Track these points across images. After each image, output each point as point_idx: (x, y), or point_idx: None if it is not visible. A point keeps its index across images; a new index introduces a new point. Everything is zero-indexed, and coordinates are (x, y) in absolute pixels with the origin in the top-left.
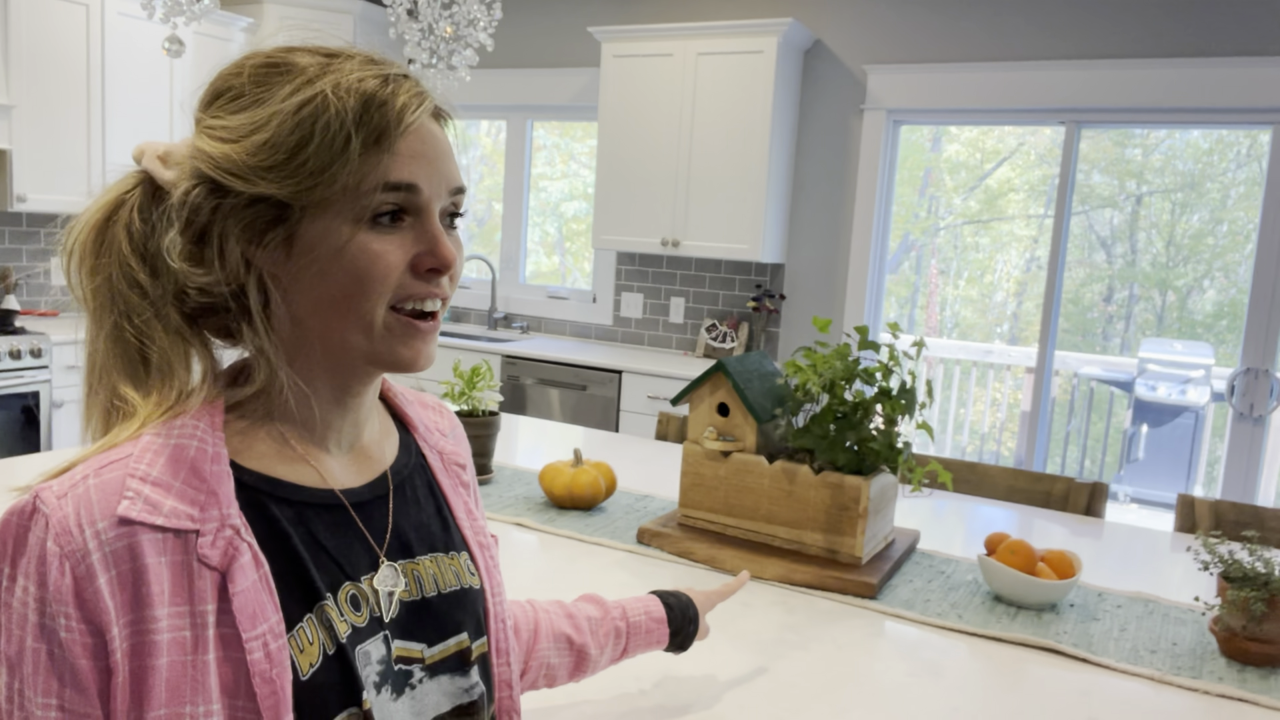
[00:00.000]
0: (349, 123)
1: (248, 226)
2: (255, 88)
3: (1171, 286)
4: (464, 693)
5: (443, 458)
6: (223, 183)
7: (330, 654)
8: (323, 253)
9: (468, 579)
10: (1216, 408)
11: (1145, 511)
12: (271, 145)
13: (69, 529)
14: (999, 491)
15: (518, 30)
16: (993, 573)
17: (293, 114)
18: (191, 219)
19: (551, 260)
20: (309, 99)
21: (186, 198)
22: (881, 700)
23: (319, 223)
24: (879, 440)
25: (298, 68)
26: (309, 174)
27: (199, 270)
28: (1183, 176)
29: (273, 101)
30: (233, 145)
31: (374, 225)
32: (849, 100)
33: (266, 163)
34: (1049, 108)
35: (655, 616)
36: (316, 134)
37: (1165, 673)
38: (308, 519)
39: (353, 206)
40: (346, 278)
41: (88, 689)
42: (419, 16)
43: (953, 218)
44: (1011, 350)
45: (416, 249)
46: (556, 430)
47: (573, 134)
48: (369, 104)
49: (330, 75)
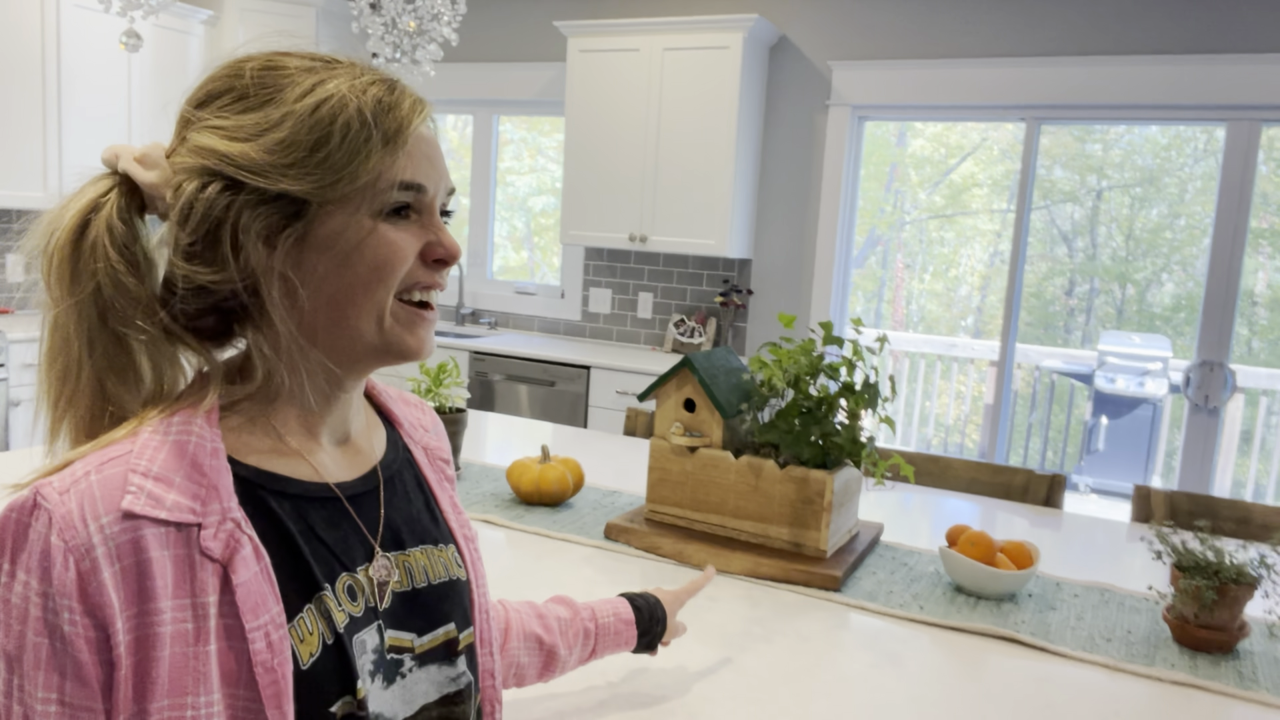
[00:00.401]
0: (370, 121)
1: (265, 222)
2: (261, 89)
3: (1131, 280)
4: (451, 682)
5: (427, 453)
6: (240, 180)
7: (329, 643)
8: (342, 246)
9: (455, 570)
10: (1174, 399)
11: (1105, 502)
12: (290, 143)
13: (73, 523)
14: (960, 484)
15: (483, 24)
16: (953, 564)
17: (310, 113)
18: (206, 216)
19: (520, 255)
20: (325, 99)
21: (198, 196)
22: (845, 690)
23: (337, 218)
24: (843, 434)
25: (301, 70)
26: (330, 170)
27: (207, 270)
28: (1142, 171)
29: (283, 102)
30: (249, 144)
31: (388, 219)
32: (814, 96)
33: (285, 160)
34: (1010, 104)
35: (624, 618)
36: (336, 132)
37: (1120, 660)
38: (305, 512)
39: (371, 202)
40: (366, 268)
41: (90, 683)
42: (382, 11)
43: (918, 212)
44: (975, 344)
45: (425, 241)
46: (524, 426)
47: (540, 128)
48: (381, 106)
49: (339, 78)
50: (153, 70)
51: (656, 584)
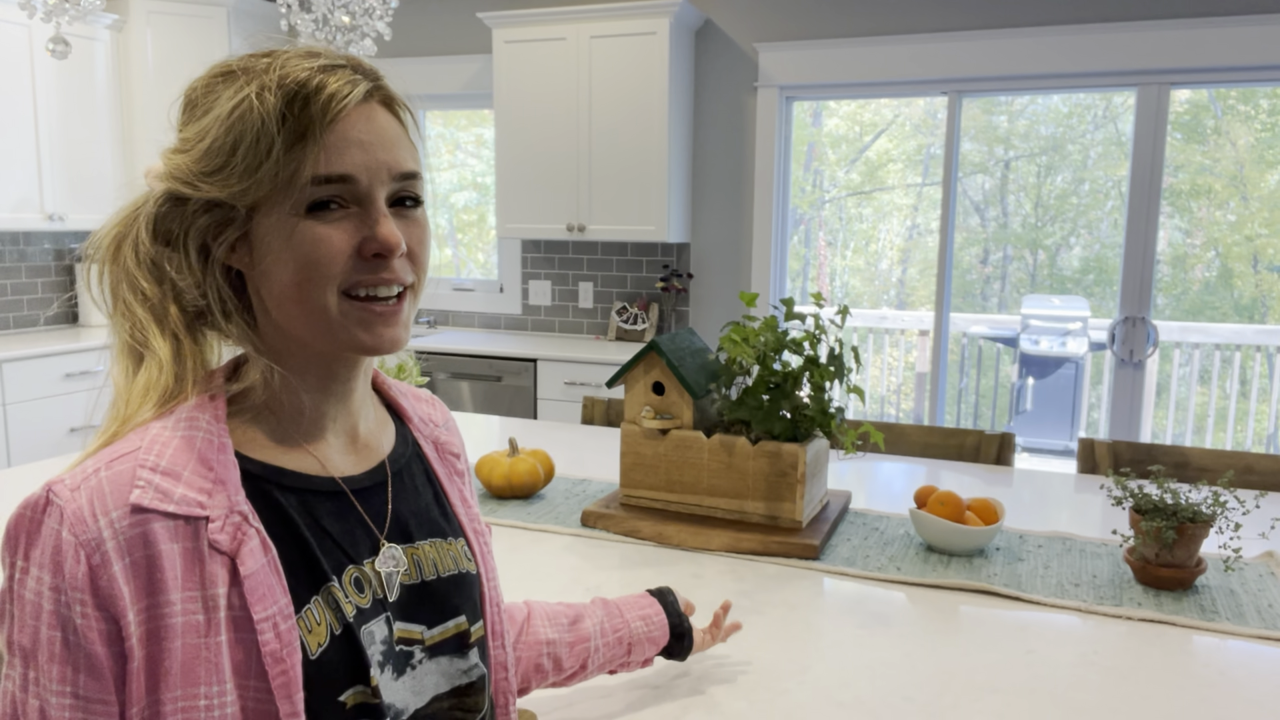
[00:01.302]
0: (272, 122)
1: (202, 231)
2: (205, 96)
3: (1041, 245)
4: (462, 674)
5: (437, 447)
6: (177, 192)
7: (337, 634)
8: (272, 246)
9: (465, 564)
10: (1093, 357)
11: (1037, 459)
12: (212, 151)
13: (84, 518)
14: (915, 449)
15: (407, 19)
16: (924, 524)
17: (226, 118)
18: (158, 228)
19: (444, 253)
20: (239, 102)
21: (153, 209)
22: (839, 654)
23: (265, 219)
24: (812, 407)
25: (239, 72)
26: (240, 175)
27: (180, 276)
28: (1046, 140)
29: (215, 108)
30: (184, 155)
31: (313, 215)
32: (742, 78)
33: (209, 168)
34: (933, 79)
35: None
36: (246, 135)
37: (1091, 603)
38: (311, 505)
39: (289, 200)
40: (296, 266)
41: (103, 675)
42: (311, 7)
43: (836, 191)
44: (904, 315)
45: (360, 235)
46: (482, 422)
47: (456, 123)
48: (292, 100)
49: (262, 75)
50: (58, 80)
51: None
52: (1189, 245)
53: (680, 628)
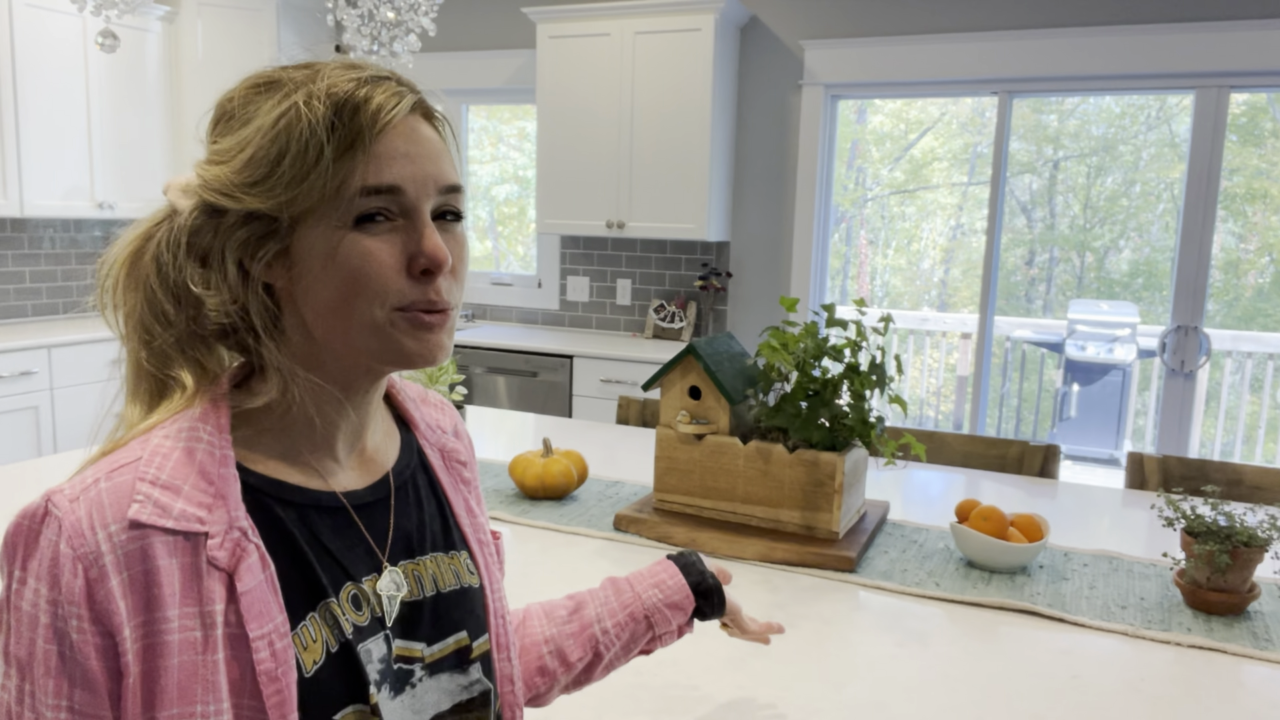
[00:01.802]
0: (321, 130)
1: (243, 244)
2: (244, 107)
3: (1089, 248)
4: (463, 690)
5: (443, 456)
6: (215, 204)
7: (333, 651)
8: (317, 260)
9: (467, 578)
10: (1141, 364)
11: (1080, 467)
12: (255, 161)
13: (81, 531)
14: (957, 458)
15: (451, 13)
16: (966, 539)
17: (270, 128)
18: (193, 241)
19: (484, 245)
20: (284, 111)
21: (187, 221)
22: (874, 672)
23: (310, 232)
24: (851, 416)
25: (280, 82)
26: (287, 185)
27: (210, 292)
28: (1097, 141)
29: (256, 119)
30: (223, 166)
31: (360, 227)
32: (787, 76)
33: (251, 179)
34: (983, 78)
35: (673, 602)
36: (292, 145)
37: (1138, 627)
38: (311, 520)
39: (337, 212)
40: (343, 280)
41: (98, 690)
42: (357, 3)
43: (880, 189)
44: (945, 317)
45: (408, 250)
46: (515, 419)
47: (500, 116)
48: (341, 109)
49: (306, 85)
50: (110, 71)
51: None
52: (1243, 250)
53: (702, 585)
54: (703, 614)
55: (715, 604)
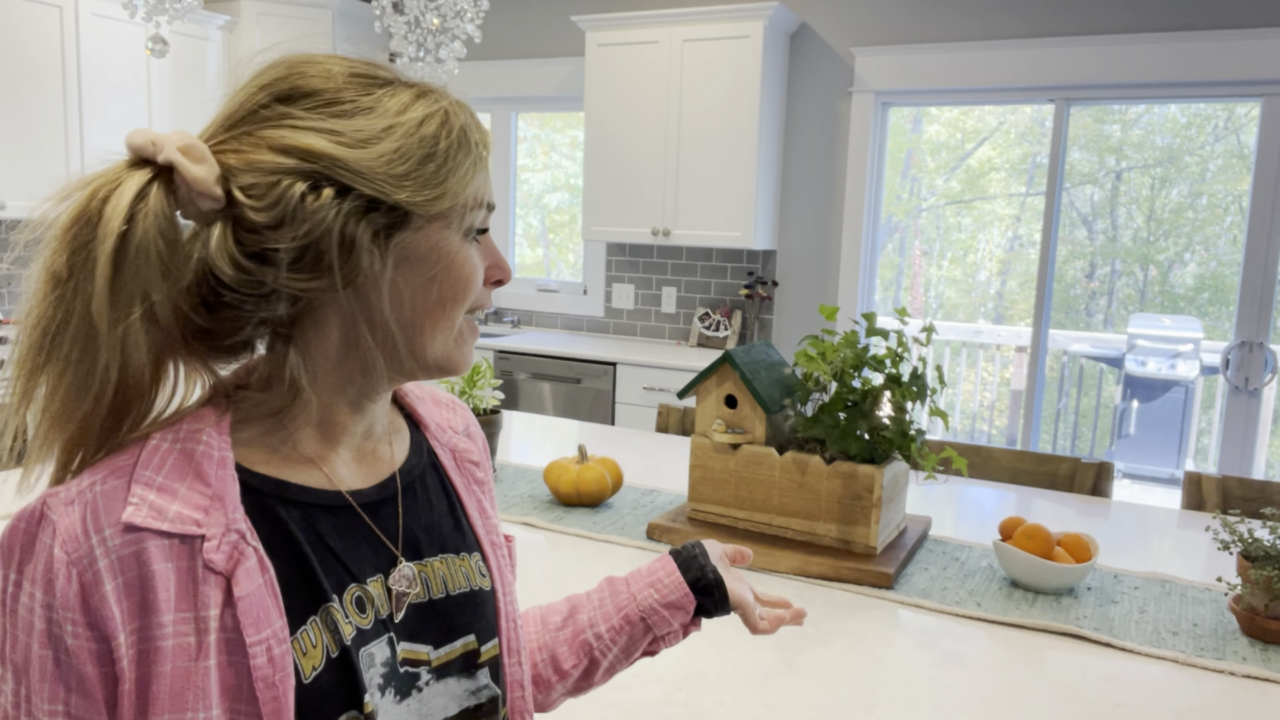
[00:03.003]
0: (470, 140)
1: (373, 233)
2: (360, 95)
3: (1153, 261)
4: (471, 695)
5: (455, 456)
6: (353, 186)
7: (334, 657)
8: (435, 262)
9: (478, 580)
10: (1205, 381)
11: (1139, 486)
12: (402, 154)
13: (75, 535)
14: (1004, 474)
15: (500, 21)
16: (1010, 558)
17: (417, 127)
18: (317, 221)
19: (535, 253)
20: (431, 113)
21: (307, 199)
22: (909, 693)
23: (433, 233)
24: (891, 428)
25: (393, 81)
26: (435, 184)
27: (307, 278)
28: (1161, 151)
29: (385, 113)
30: (360, 150)
31: (469, 237)
32: (836, 83)
33: (398, 170)
34: (1038, 85)
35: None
36: (442, 148)
37: (1189, 654)
38: (314, 520)
39: (462, 220)
40: (452, 286)
41: (94, 696)
42: (404, 10)
43: (935, 199)
44: (1000, 330)
45: (487, 262)
46: (556, 426)
47: (553, 124)
48: (470, 125)
49: (437, 92)
50: (172, 76)
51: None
52: None
53: (702, 581)
54: (706, 611)
55: (718, 600)
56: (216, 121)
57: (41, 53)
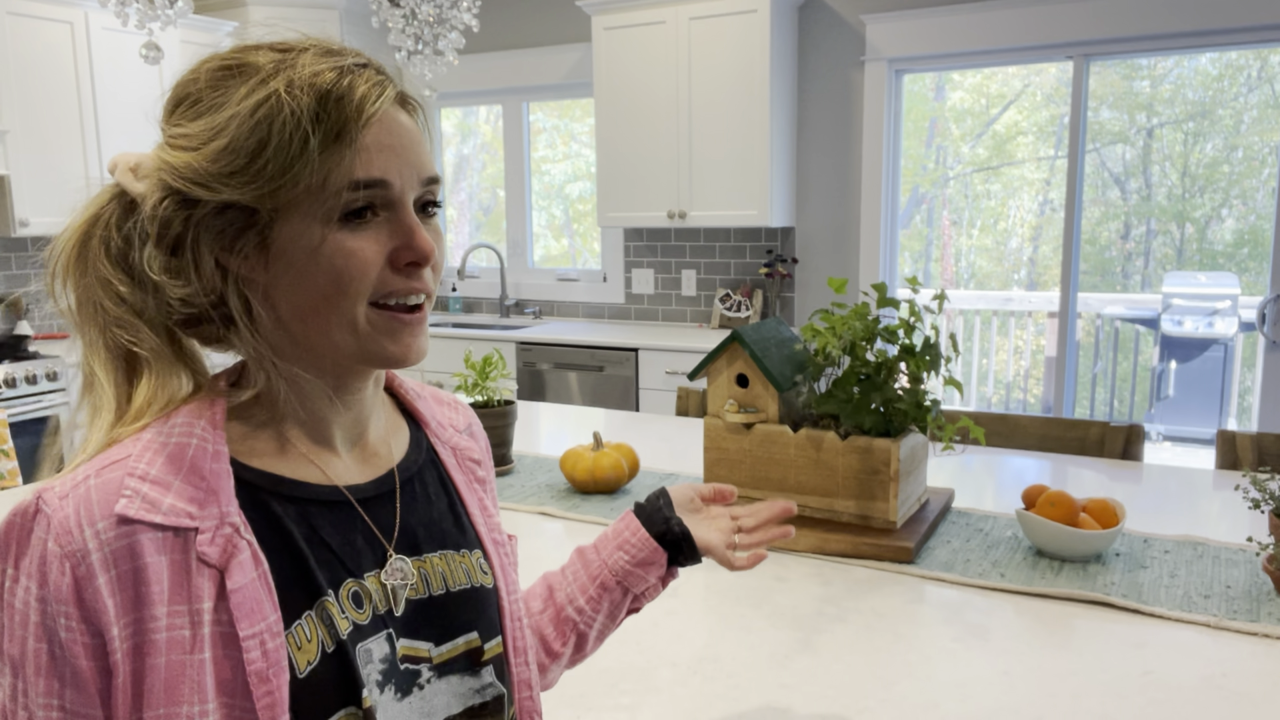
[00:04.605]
0: (305, 121)
1: (219, 235)
2: (212, 92)
3: (1189, 218)
4: (475, 694)
5: (456, 454)
6: (188, 193)
7: (329, 651)
8: (298, 256)
9: (480, 578)
10: (1245, 338)
11: (1181, 449)
12: (231, 150)
13: (69, 529)
14: (1031, 441)
15: (506, 11)
16: (1033, 527)
17: (249, 116)
18: (163, 232)
19: (560, 244)
20: (264, 99)
21: (156, 211)
22: (928, 668)
23: (290, 225)
24: (905, 400)
25: (252, 67)
26: (270, 177)
27: (178, 282)
28: (1193, 105)
29: (229, 105)
30: (194, 153)
31: (346, 223)
32: (848, 53)
33: (228, 169)
34: (1055, 43)
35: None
36: (274, 135)
37: (1221, 618)
38: (310, 516)
39: (321, 207)
40: (324, 279)
41: (88, 689)
42: (401, 3)
43: (961, 167)
44: (1031, 296)
45: (393, 243)
46: (575, 414)
47: (571, 114)
48: (325, 99)
49: (285, 72)
50: None
51: (718, 567)
52: None
53: (668, 535)
54: (678, 562)
55: (687, 552)
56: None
57: (56, 70)
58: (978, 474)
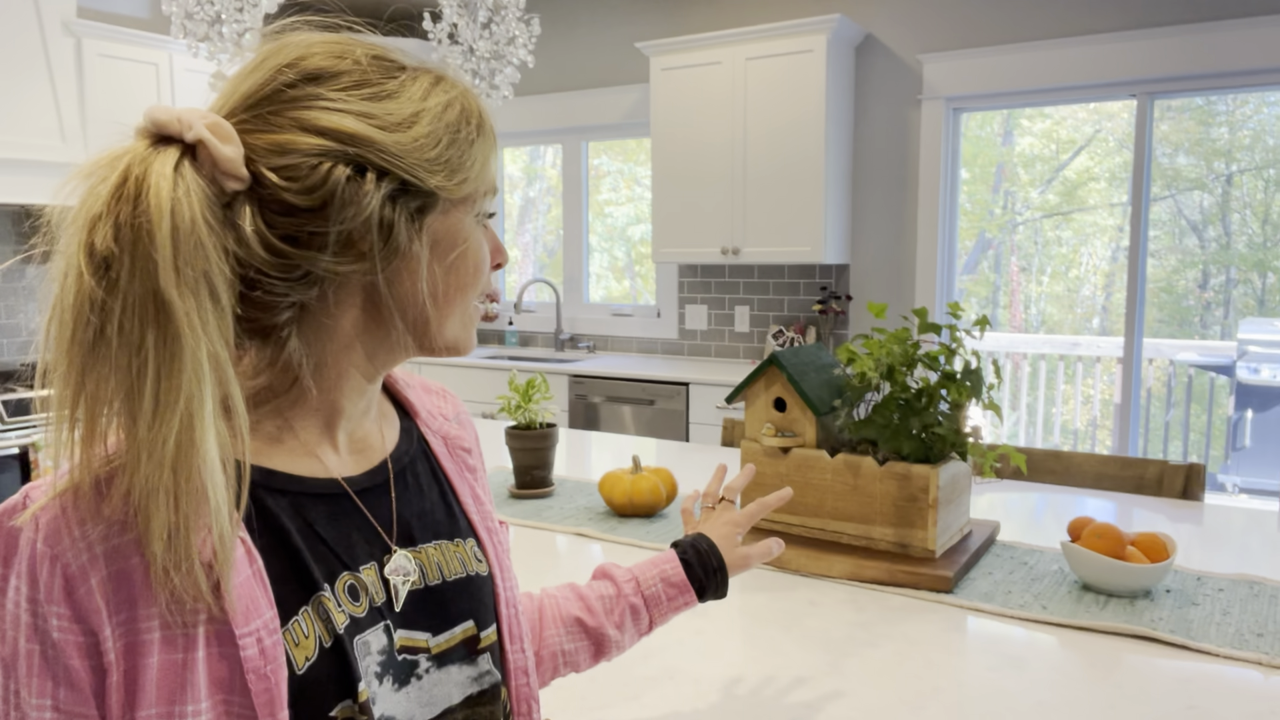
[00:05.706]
0: (485, 125)
1: (408, 216)
2: (385, 78)
3: (1270, 267)
4: (473, 682)
5: (446, 443)
6: (391, 169)
7: (327, 646)
8: (454, 245)
9: (474, 566)
10: None
11: (1258, 501)
12: (432, 139)
13: (59, 528)
14: (1087, 480)
15: (565, 52)
16: (1078, 559)
17: (441, 111)
18: (360, 205)
19: (622, 285)
20: (452, 100)
21: (351, 182)
22: (959, 695)
23: (451, 217)
24: (945, 426)
25: (410, 68)
26: (459, 169)
27: (347, 260)
28: (1274, 152)
29: (411, 97)
30: (395, 134)
31: (480, 222)
32: (905, 92)
33: (430, 155)
34: (1117, 81)
35: (674, 582)
36: (464, 133)
37: (1274, 657)
38: (304, 509)
39: (475, 204)
40: (469, 269)
41: (82, 689)
42: (459, 39)
43: (1030, 212)
44: (1100, 341)
45: (490, 246)
46: (620, 442)
47: (636, 158)
48: (485, 113)
49: (449, 81)
50: None
51: (753, 591)
52: None
53: (703, 581)
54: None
55: (719, 584)
56: (235, 101)
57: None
58: (1027, 509)
